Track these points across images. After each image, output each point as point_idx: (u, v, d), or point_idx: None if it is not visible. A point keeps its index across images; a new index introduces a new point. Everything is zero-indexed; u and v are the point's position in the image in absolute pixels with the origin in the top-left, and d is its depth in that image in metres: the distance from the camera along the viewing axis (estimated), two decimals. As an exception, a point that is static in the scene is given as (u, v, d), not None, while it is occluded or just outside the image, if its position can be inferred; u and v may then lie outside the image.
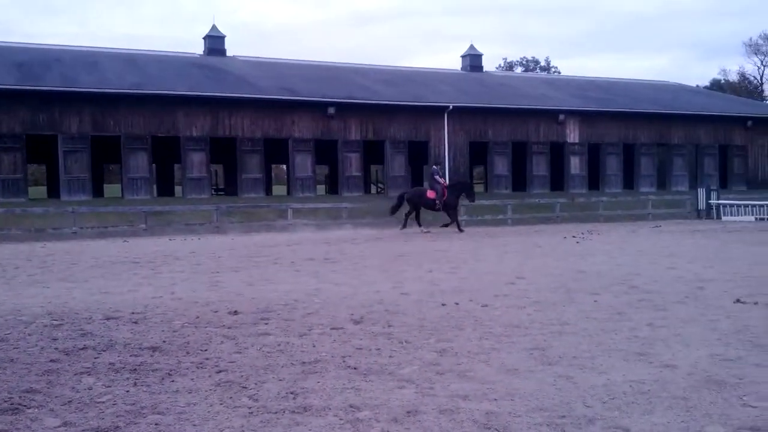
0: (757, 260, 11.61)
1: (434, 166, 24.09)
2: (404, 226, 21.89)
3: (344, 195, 31.56)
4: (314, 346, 5.57)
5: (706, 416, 3.71)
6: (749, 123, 39.95)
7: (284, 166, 41.16)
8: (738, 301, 7.34)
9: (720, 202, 28.62)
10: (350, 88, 34.01)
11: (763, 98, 68.72)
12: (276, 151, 34.12)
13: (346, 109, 31.66)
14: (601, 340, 5.63)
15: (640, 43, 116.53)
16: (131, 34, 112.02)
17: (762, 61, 72.39)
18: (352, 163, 32.60)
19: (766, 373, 4.54)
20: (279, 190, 45.18)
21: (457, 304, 7.50)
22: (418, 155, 36.55)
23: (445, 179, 23.21)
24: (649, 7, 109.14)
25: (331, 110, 31.09)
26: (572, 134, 36.61)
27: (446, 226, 22.00)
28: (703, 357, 5.01)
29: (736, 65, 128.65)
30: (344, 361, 5.06)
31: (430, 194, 21.92)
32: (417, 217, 22.08)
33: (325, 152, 35.14)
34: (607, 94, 40.63)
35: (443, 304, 7.46)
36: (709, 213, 28.31)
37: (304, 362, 5.05)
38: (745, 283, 8.75)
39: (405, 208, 22.12)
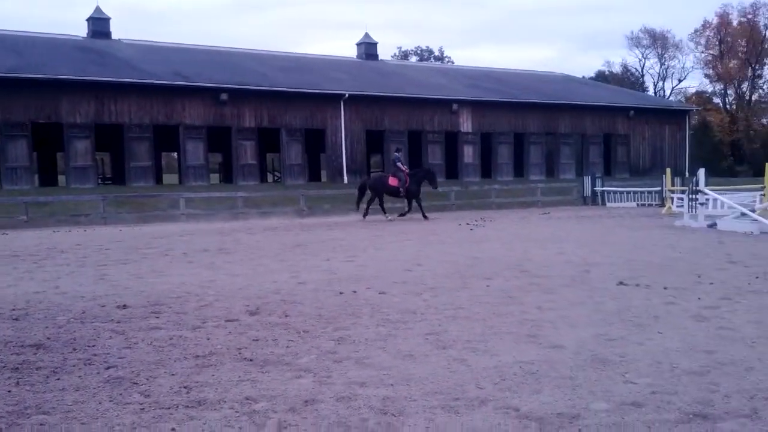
0: (638, 244, 12.25)
1: (396, 153, 23.83)
2: (366, 214, 21.79)
3: (239, 184, 31.02)
4: (208, 339, 5.43)
5: (591, 393, 3.88)
6: (631, 113, 42.12)
7: (175, 154, 39.95)
8: (621, 283, 7.71)
9: (604, 189, 30.04)
10: (244, 74, 33.39)
11: (644, 89, 72.54)
12: (166, 138, 33.10)
13: (239, 96, 31.07)
14: (493, 324, 5.78)
15: (529, 35, 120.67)
16: (8, 14, 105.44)
17: (643, 54, 76.32)
18: (246, 151, 32.06)
19: (646, 351, 4.79)
20: (170, 179, 43.82)
21: (354, 292, 7.51)
22: (315, 143, 36.42)
23: (406, 167, 22.94)
24: (535, 0, 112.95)
25: (224, 96, 30.44)
26: (465, 123, 37.43)
27: (403, 215, 21.89)
28: (589, 337, 5.23)
29: (619, 57, 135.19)
30: (240, 353, 4.97)
31: (392, 181, 21.81)
32: (381, 205, 22.00)
33: (219, 140, 34.41)
34: (498, 85, 41.75)
35: (341, 293, 7.46)
36: (595, 199, 29.68)
37: (197, 356, 4.92)
38: (627, 266, 9.21)
39: (368, 196, 22.10)
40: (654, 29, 74.73)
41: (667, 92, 75.57)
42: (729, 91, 73.00)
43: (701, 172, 16.57)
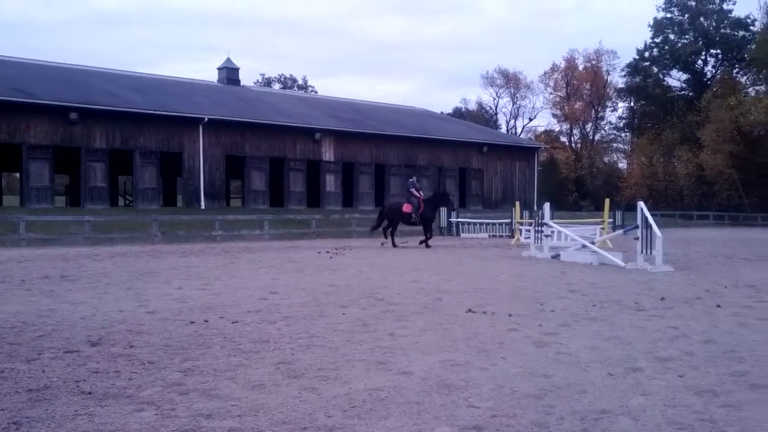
0: (488, 273, 12.78)
1: (410, 179, 23.35)
2: (393, 242, 21.43)
3: (87, 207, 29.46)
4: (44, 372, 5.08)
5: (436, 418, 3.97)
6: (485, 149, 44.17)
7: (17, 175, 37.38)
8: (470, 310, 7.99)
9: (459, 220, 31.14)
10: (95, 93, 31.94)
11: (497, 126, 76.37)
12: (7, 158, 30.93)
13: (90, 116, 29.69)
14: (346, 351, 5.80)
15: (388, 69, 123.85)
16: None
17: (497, 93, 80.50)
18: (96, 173, 30.57)
19: (489, 376, 4.97)
20: (11, 200, 40.93)
21: (206, 321, 7.30)
22: (171, 167, 35.33)
23: (421, 193, 22.42)
24: (396, 35, 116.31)
25: (74, 116, 28.97)
26: (328, 152, 37.73)
27: (423, 242, 21.38)
28: (437, 363, 5.37)
29: (475, 95, 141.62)
30: (78, 386, 4.67)
31: (406, 208, 21.32)
32: (392, 232, 21.62)
33: (67, 160, 32.64)
34: (359, 116, 42.50)
35: (192, 322, 7.22)
36: (450, 230, 30.67)
37: (30, 389, 4.58)
38: (477, 294, 9.56)
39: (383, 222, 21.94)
40: (507, 70, 79.34)
41: (519, 130, 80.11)
42: (575, 131, 78.47)
43: (546, 206, 17.57)
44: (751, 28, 64.32)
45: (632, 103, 74.26)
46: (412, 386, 4.68)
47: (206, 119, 32.83)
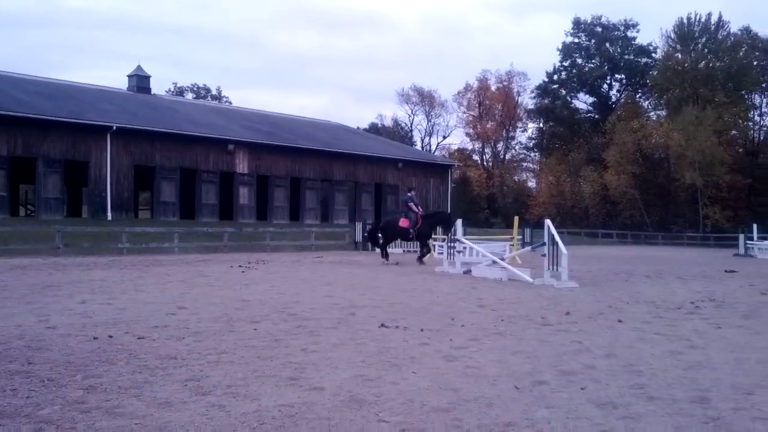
0: (401, 288, 12.87)
1: (408, 193, 22.21)
2: (386, 257, 20.62)
3: (-14, 217, 27.97)
4: (-69, 391, 4.78)
5: (347, 434, 3.97)
6: (400, 165, 44.69)
7: None
8: (383, 325, 8.03)
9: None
10: (-5, 97, 30.47)
11: (413, 143, 77.32)
12: None
13: (-11, 121, 28.26)
14: (256, 367, 5.73)
15: (303, 82, 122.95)
16: None
17: (412, 110, 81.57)
18: (-4, 182, 29.10)
19: (400, 391, 5.01)
20: None
21: (110, 337, 7.05)
22: (77, 176, 34.07)
23: (419, 208, 21.51)
24: (311, 49, 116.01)
25: (-29, 121, 27.50)
26: (242, 164, 37.26)
27: (420, 259, 20.66)
28: (348, 378, 5.37)
29: (391, 111, 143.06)
30: (-32, 406, 4.42)
31: (403, 223, 20.43)
32: (384, 246, 20.93)
33: (-38, 168, 30.91)
34: (275, 129, 42.24)
35: (95, 338, 6.96)
36: (366, 245, 30.73)
37: None
38: (390, 309, 9.62)
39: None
40: (423, 88, 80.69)
41: (433, 147, 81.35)
42: (487, 150, 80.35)
43: (458, 222, 17.90)
44: (653, 55, 67.77)
45: (541, 124, 76.78)
46: (323, 402, 4.66)
47: (114, 127, 31.86)
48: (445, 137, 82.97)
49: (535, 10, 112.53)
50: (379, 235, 21.42)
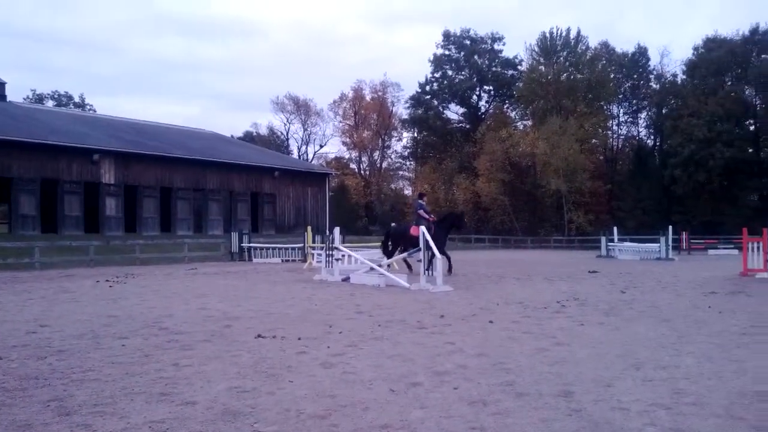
0: (279, 298, 12.74)
1: (418, 200, 20.53)
2: (409, 267, 19.34)
3: None
4: None
5: (220, 447, 3.87)
6: (277, 173, 44.21)
7: None
8: (259, 336, 7.91)
9: (251, 245, 30.79)
10: None
11: (289, 152, 76.82)
12: None
13: None
14: (125, 384, 5.49)
15: (172, 90, 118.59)
16: None
17: (288, 119, 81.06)
18: None
19: (276, 400, 4.95)
20: None
21: (-39, 359, 6.54)
22: None
23: (431, 215, 20.03)
24: (178, 55, 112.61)
25: None
26: (108, 174, 35.65)
27: (428, 270, 19.19)
28: (223, 391, 5.25)
29: (266, 120, 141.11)
30: None
31: (414, 231, 18.72)
32: (402, 252, 19.20)
33: None
34: (143, 137, 40.74)
35: (-57, 361, 6.43)
36: (242, 255, 30.22)
37: None
38: (267, 320, 9.49)
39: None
40: (298, 96, 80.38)
41: (311, 156, 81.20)
42: (363, 158, 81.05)
43: (336, 230, 17.95)
44: (519, 67, 70.79)
45: (416, 134, 78.36)
46: (195, 416, 4.53)
47: (-34, 136, 29.66)
48: (322, 146, 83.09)
49: (404, 22, 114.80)
50: (389, 243, 20.27)
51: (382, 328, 8.55)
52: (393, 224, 24.51)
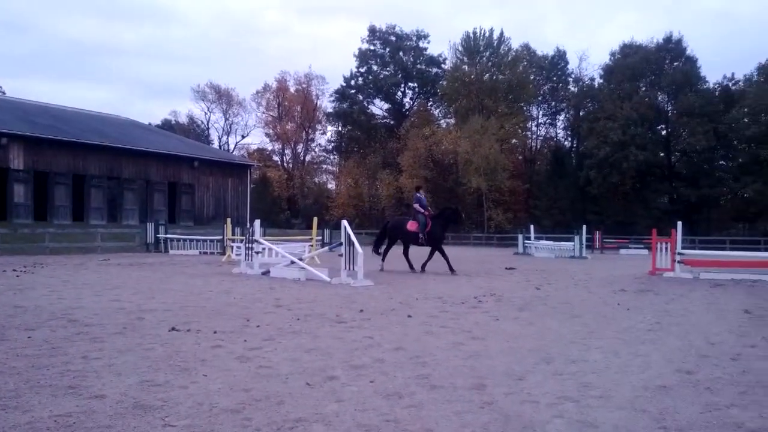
0: (195, 291, 12.50)
1: (417, 193, 19.32)
2: (382, 260, 18.74)
3: None
4: None
5: (129, 442, 3.77)
6: (196, 163, 43.32)
7: None
8: (173, 329, 7.74)
9: (168, 236, 30.10)
10: None
11: (209, 142, 75.35)
12: None
13: None
14: (30, 377, 5.27)
15: (86, 73, 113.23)
16: None
17: (209, 108, 79.49)
18: None
19: (188, 394, 4.85)
20: None
21: None
22: None
23: (429, 209, 19.00)
24: (93, 38, 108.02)
25: None
26: (16, 160, 34.15)
27: (424, 265, 18.45)
28: (133, 384, 5.11)
29: (186, 108, 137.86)
30: None
31: (411, 226, 18.06)
32: (405, 253, 18.92)
33: None
34: (56, 122, 39.21)
35: None
36: (158, 246, 29.51)
37: None
38: (182, 312, 9.29)
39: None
40: (219, 85, 79.01)
41: (232, 146, 79.93)
42: (287, 151, 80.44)
43: (257, 223, 17.76)
44: (443, 66, 71.71)
45: (340, 128, 78.33)
46: (104, 410, 4.39)
47: None
48: (243, 137, 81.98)
49: (328, 14, 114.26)
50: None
51: (300, 322, 8.51)
52: (390, 218, 23.47)
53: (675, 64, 59.53)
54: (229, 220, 27.58)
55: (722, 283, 15.79)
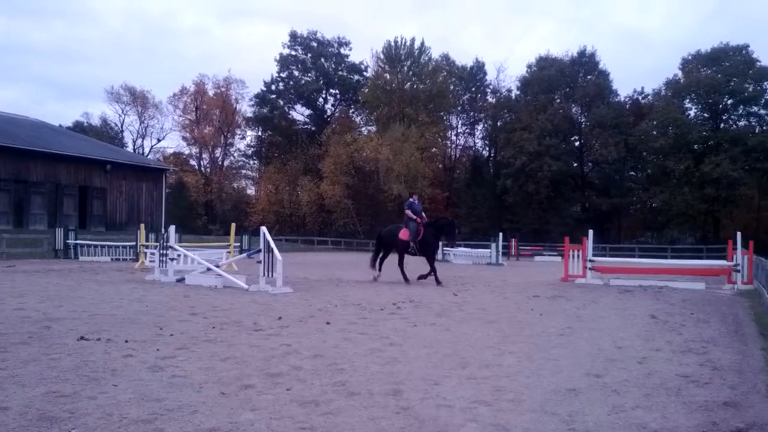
0: (106, 299, 12.09)
1: (410, 199, 18.02)
2: (377, 271, 17.71)
3: None
4: None
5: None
6: (109, 167, 41.94)
7: None
8: (82, 338, 7.47)
9: (78, 242, 29.00)
10: None
11: (124, 145, 73.12)
12: None
13: None
14: (-77, 392, 4.98)
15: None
16: None
17: (123, 110, 77.13)
18: None
19: (98, 405, 4.69)
20: None
21: None
22: None
23: (422, 216, 17.81)
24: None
25: None
26: None
27: (424, 277, 17.17)
28: (39, 395, 4.90)
29: (99, 110, 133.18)
30: None
31: (403, 234, 16.93)
32: (399, 263, 17.74)
33: None
34: (-41, 122, 37.25)
35: None
36: (68, 253, 28.39)
37: None
38: (92, 321, 8.98)
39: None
40: (135, 87, 76.69)
41: (147, 150, 77.81)
42: (204, 155, 78.91)
43: (171, 228, 17.33)
44: (365, 73, 72.02)
45: (260, 133, 77.40)
46: (7, 422, 4.20)
47: None
48: (159, 140, 79.84)
49: (247, 17, 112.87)
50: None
51: (216, 330, 8.36)
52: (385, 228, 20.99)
53: (588, 77, 61.75)
54: (143, 225, 26.82)
55: (630, 289, 16.43)
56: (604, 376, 6.04)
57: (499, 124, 65.58)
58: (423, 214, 17.93)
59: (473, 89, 69.99)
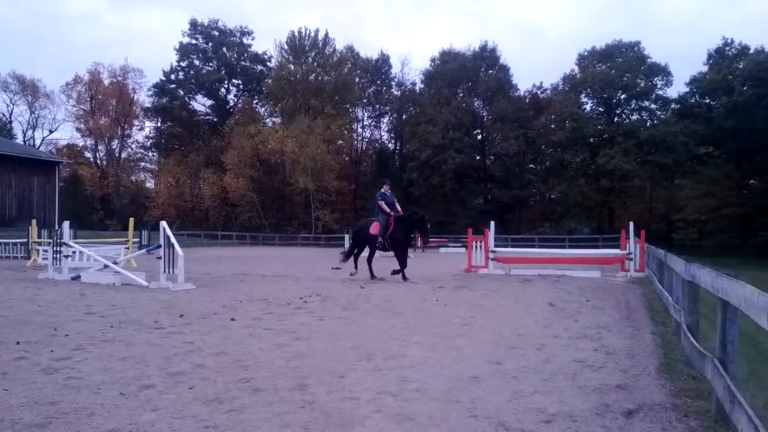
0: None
1: (382, 189, 16.67)
2: (357, 270, 16.87)
3: None
4: None
5: None
6: (0, 160, 39.66)
7: None
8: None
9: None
10: None
11: (13, 137, 69.27)
12: None
13: None
14: None
15: None
16: None
17: (12, 100, 73.06)
18: None
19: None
20: None
21: None
22: None
23: (396, 208, 16.33)
24: None
25: None
26: None
27: (397, 272, 16.05)
28: None
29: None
30: None
31: (373, 229, 15.65)
32: (368, 257, 16.57)
33: None
34: None
35: None
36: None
37: None
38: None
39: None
40: (24, 75, 72.58)
41: (38, 142, 74.07)
42: (100, 147, 75.86)
43: (65, 224, 16.61)
44: (269, 63, 71.00)
45: (159, 124, 75.07)
46: None
47: None
48: (52, 131, 76.07)
49: (140, 3, 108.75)
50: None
51: (114, 330, 8.09)
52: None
53: (490, 71, 63.12)
54: (34, 221, 25.56)
55: (530, 278, 16.97)
56: (505, 363, 6.23)
57: (404, 117, 66.10)
58: (397, 206, 16.69)
59: (378, 82, 70.23)
